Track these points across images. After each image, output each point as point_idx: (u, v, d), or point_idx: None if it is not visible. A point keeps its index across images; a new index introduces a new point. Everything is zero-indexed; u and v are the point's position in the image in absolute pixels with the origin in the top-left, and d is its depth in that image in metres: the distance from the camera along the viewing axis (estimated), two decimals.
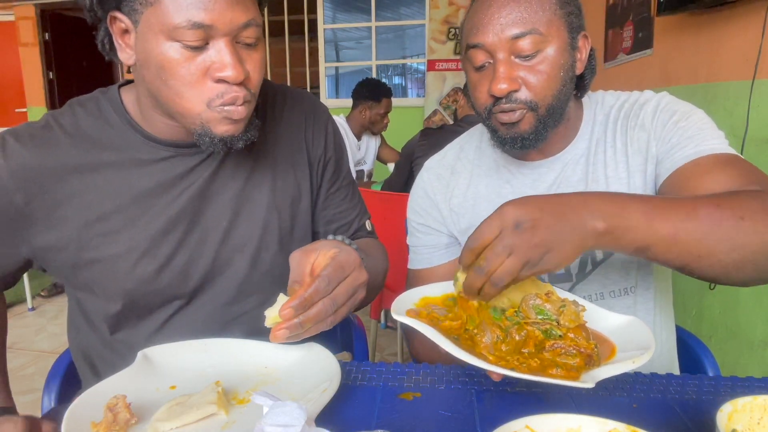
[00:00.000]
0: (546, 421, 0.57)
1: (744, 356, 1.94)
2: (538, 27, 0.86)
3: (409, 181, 2.82)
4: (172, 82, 0.76)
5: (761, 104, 1.83)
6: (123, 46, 0.79)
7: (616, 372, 0.63)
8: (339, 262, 0.72)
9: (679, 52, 2.47)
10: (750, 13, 1.89)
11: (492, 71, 0.89)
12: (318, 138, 1.02)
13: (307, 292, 0.68)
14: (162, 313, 0.91)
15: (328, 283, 0.70)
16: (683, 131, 0.90)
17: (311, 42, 5.79)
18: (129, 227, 0.86)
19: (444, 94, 5.19)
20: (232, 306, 0.94)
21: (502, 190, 1.03)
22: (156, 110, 0.84)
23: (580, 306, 0.73)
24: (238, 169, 0.92)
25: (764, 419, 0.58)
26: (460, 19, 5.09)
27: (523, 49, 0.87)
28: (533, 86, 0.88)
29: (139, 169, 0.86)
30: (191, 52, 0.74)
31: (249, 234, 0.93)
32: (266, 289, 0.95)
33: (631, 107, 0.98)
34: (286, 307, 0.68)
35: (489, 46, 0.88)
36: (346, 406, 0.72)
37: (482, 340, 0.67)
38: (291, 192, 0.98)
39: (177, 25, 0.72)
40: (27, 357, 2.85)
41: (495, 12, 0.88)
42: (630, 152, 0.95)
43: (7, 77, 6.54)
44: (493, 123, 0.93)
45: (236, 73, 0.75)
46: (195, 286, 0.91)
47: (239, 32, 0.75)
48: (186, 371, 0.77)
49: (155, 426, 0.63)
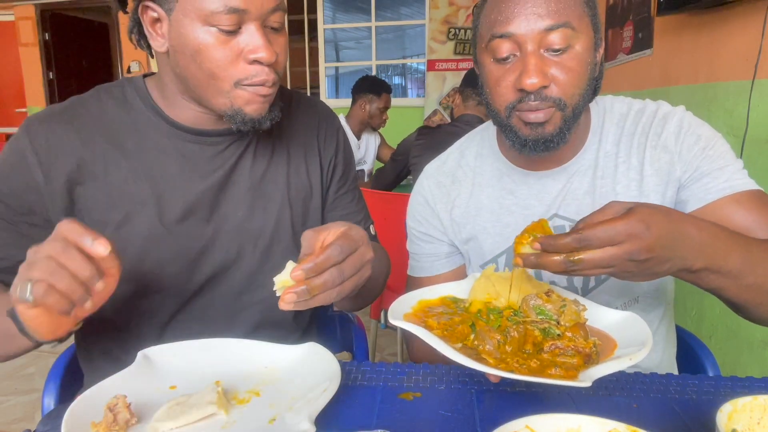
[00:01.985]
0: (546, 421, 0.57)
1: (744, 356, 1.95)
2: (570, 21, 0.82)
3: (400, 176, 2.83)
4: (207, 64, 0.79)
5: (761, 104, 1.84)
6: (155, 35, 0.83)
7: (613, 370, 0.63)
8: (350, 235, 0.73)
9: (679, 52, 2.47)
10: (750, 13, 1.89)
11: (520, 64, 0.84)
12: (330, 141, 1.05)
13: (319, 258, 0.68)
14: (173, 301, 0.92)
15: (340, 251, 0.70)
16: (711, 160, 0.89)
17: (311, 42, 5.79)
18: (147, 212, 0.87)
19: (444, 94, 5.19)
20: (242, 296, 0.96)
21: (505, 200, 1.01)
22: (184, 95, 0.87)
23: (581, 306, 0.73)
24: (256, 162, 0.95)
25: (764, 419, 0.58)
26: (461, 19, 5.04)
27: (555, 42, 0.82)
28: (562, 83, 0.84)
29: (160, 155, 0.89)
30: (226, 36, 0.78)
31: (262, 227, 0.95)
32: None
33: (649, 123, 0.94)
34: (297, 269, 0.68)
35: (519, 37, 0.83)
36: (346, 406, 0.72)
37: (485, 349, 0.67)
38: (303, 189, 1.00)
39: (214, 11, 0.76)
40: (27, 357, 2.85)
41: (525, 1, 0.82)
42: (647, 172, 0.93)
43: (7, 77, 6.55)
44: (515, 122, 0.88)
45: (269, 54, 0.79)
46: (207, 275, 0.92)
47: (268, 16, 0.80)
48: (186, 371, 0.77)
49: (155, 426, 0.63)
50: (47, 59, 6.38)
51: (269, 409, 0.69)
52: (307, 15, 5.69)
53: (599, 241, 0.64)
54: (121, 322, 0.93)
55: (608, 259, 0.65)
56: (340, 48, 6.24)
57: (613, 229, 0.65)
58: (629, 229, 0.64)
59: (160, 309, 0.92)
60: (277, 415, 0.68)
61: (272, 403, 0.70)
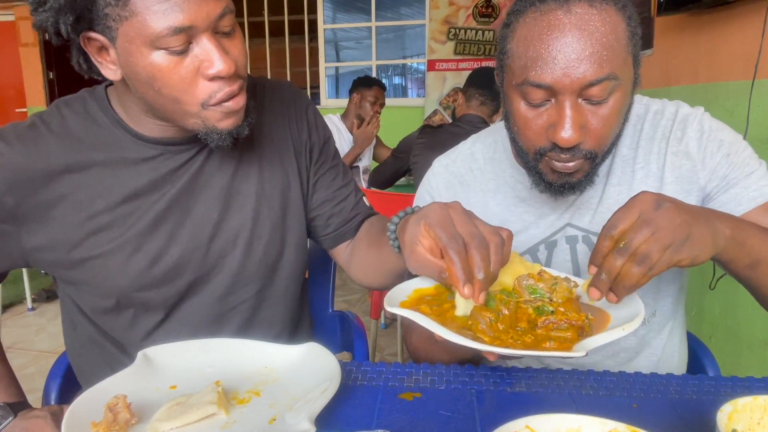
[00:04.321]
0: (546, 421, 0.57)
1: (744, 356, 1.95)
2: (615, 71, 0.75)
3: (398, 173, 2.82)
4: (166, 90, 0.75)
5: (761, 104, 1.84)
6: (104, 63, 0.78)
7: (606, 340, 0.64)
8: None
9: (679, 52, 2.47)
10: (750, 13, 1.89)
11: (554, 112, 0.78)
12: (301, 126, 1.01)
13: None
14: (158, 309, 0.91)
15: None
16: (736, 168, 0.87)
17: (311, 42, 5.79)
18: (119, 225, 0.86)
19: (444, 94, 5.19)
20: (227, 297, 0.95)
21: (517, 208, 0.97)
22: (148, 114, 0.84)
23: (572, 282, 0.73)
24: (224, 163, 0.93)
25: (764, 419, 0.58)
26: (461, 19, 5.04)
27: (595, 95, 0.76)
28: (597, 134, 0.78)
29: (127, 167, 0.86)
30: (178, 57, 0.73)
31: (240, 225, 0.93)
32: (260, 279, 0.96)
33: (669, 127, 0.91)
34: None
35: (556, 89, 0.76)
36: (346, 406, 0.72)
37: (479, 328, 0.67)
38: (280, 181, 0.98)
39: (159, 34, 0.71)
40: (27, 357, 2.86)
41: (566, 46, 0.74)
42: (667, 178, 0.90)
43: (7, 77, 6.54)
44: (542, 167, 0.83)
45: (227, 65, 0.75)
46: (190, 280, 0.91)
47: (217, 23, 0.75)
48: (186, 371, 0.77)
49: (155, 426, 0.63)
50: (47, 59, 6.37)
51: (269, 409, 0.69)
52: (307, 15, 5.69)
53: (617, 227, 0.67)
54: (104, 334, 0.93)
55: (643, 227, 0.66)
56: (340, 48, 6.24)
57: (619, 211, 0.68)
58: (628, 203, 0.69)
59: (143, 319, 0.91)
60: (277, 415, 0.68)
61: (272, 403, 0.70)
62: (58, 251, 0.85)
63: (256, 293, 0.96)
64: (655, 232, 0.65)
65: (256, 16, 5.74)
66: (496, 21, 5.01)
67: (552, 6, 0.76)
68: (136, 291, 0.88)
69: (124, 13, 0.70)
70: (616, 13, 0.77)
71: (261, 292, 0.97)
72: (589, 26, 0.74)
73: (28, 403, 0.86)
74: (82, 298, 0.92)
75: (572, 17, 0.75)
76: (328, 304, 1.34)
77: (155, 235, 0.88)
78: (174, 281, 0.90)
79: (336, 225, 1.04)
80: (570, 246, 0.95)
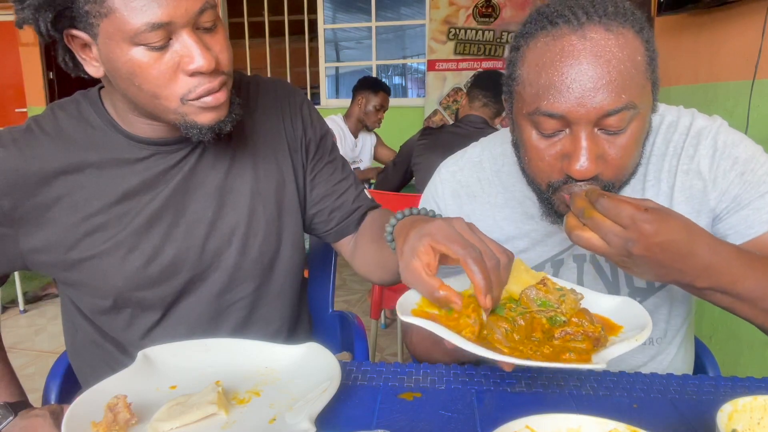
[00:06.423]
0: (546, 421, 0.57)
1: (744, 356, 1.95)
2: (633, 99, 0.70)
3: (404, 179, 2.82)
4: (146, 86, 0.76)
5: (761, 104, 1.84)
6: (88, 60, 0.78)
7: (623, 351, 0.63)
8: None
9: (679, 52, 2.47)
10: (750, 13, 1.89)
11: (569, 143, 0.73)
12: (295, 122, 1.01)
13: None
14: (156, 308, 0.91)
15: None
16: (750, 187, 0.82)
17: (311, 42, 5.79)
18: (115, 225, 0.86)
19: (444, 94, 5.19)
20: (224, 295, 0.95)
21: (525, 225, 0.94)
22: (134, 113, 0.85)
23: (578, 294, 0.73)
24: (218, 161, 0.93)
25: (764, 419, 0.58)
26: (461, 20, 5.04)
27: (612, 125, 0.71)
28: (615, 165, 0.74)
29: (122, 168, 0.87)
30: (158, 53, 0.73)
31: (235, 223, 0.93)
32: (257, 276, 0.96)
33: (681, 142, 0.86)
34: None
35: (571, 119, 0.72)
36: (346, 406, 0.72)
37: (495, 338, 0.67)
38: (275, 178, 0.98)
39: (138, 31, 0.71)
40: (27, 357, 2.85)
41: (581, 74, 0.69)
42: (677, 199, 0.86)
43: (7, 77, 6.53)
44: (556, 200, 0.79)
45: (207, 61, 0.74)
46: (186, 279, 0.91)
47: (197, 19, 0.74)
48: (186, 371, 0.77)
49: (155, 426, 0.63)
50: (47, 59, 6.36)
51: (269, 409, 0.69)
52: (307, 15, 5.69)
53: (607, 210, 0.65)
54: (104, 335, 0.94)
55: (606, 232, 0.65)
56: (341, 48, 6.24)
57: (624, 209, 0.64)
58: (638, 219, 0.64)
59: (141, 318, 0.91)
60: (277, 415, 0.68)
61: (272, 403, 0.70)
62: (56, 252, 0.85)
63: (253, 291, 0.97)
64: (625, 255, 0.66)
65: (256, 16, 5.73)
66: (496, 21, 5.02)
67: (565, 30, 0.71)
68: (132, 290, 0.88)
69: (103, 9, 0.71)
70: (635, 37, 0.72)
71: (258, 289, 0.97)
72: (605, 53, 0.70)
73: (28, 403, 0.86)
74: (81, 299, 0.92)
75: (587, 43, 0.70)
76: (328, 304, 1.34)
77: (150, 235, 0.88)
78: (170, 280, 0.90)
79: (338, 219, 1.04)
80: (577, 265, 0.93)
